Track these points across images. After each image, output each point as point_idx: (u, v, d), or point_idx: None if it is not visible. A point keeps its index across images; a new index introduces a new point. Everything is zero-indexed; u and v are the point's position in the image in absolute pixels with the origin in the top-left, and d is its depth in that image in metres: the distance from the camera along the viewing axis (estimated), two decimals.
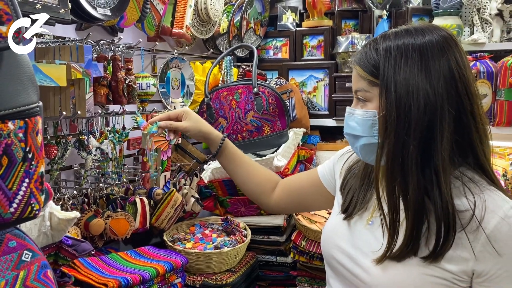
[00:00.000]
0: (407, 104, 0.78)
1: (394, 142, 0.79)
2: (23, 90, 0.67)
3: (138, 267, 1.29)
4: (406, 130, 0.78)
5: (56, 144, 1.29)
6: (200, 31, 1.91)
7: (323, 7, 2.24)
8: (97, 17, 1.25)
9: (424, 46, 0.79)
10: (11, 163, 0.66)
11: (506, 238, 0.76)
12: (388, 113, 0.79)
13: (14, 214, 0.68)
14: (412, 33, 0.81)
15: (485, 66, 1.89)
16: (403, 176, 0.79)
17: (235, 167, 1.18)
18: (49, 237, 1.04)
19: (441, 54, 0.79)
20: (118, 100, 1.38)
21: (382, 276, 0.82)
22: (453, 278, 0.78)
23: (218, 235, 1.70)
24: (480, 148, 0.81)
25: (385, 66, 0.80)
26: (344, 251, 0.90)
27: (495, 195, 0.79)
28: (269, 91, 1.78)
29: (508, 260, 0.76)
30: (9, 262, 0.76)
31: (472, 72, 0.82)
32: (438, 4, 2.04)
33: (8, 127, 0.65)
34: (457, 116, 0.78)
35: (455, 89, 0.78)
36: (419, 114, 0.77)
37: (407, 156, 0.78)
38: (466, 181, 0.80)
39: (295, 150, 1.92)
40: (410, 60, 0.79)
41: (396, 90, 0.79)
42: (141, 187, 1.57)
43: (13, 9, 0.64)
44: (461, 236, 0.77)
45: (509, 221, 0.76)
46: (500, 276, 0.77)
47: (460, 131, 0.79)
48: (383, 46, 0.82)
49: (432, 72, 0.78)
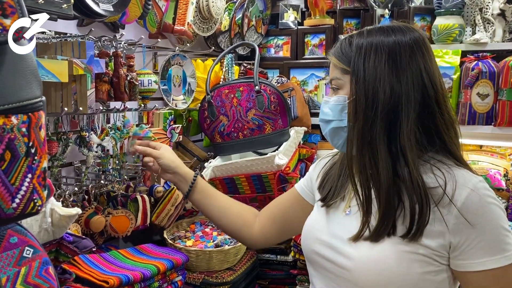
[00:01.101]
0: (375, 88, 0.84)
1: (363, 123, 0.85)
2: (27, 85, 0.67)
3: (139, 265, 1.29)
4: (373, 111, 0.84)
5: (57, 140, 1.29)
6: (201, 28, 1.90)
7: (325, 6, 2.23)
8: (100, 12, 1.24)
9: (393, 44, 0.86)
10: (14, 158, 0.66)
11: (477, 208, 0.80)
12: (358, 97, 0.86)
13: (16, 209, 0.68)
14: (384, 32, 0.88)
15: (487, 66, 1.88)
16: (372, 155, 0.85)
17: (212, 201, 1.16)
18: (50, 234, 1.03)
19: (409, 53, 0.85)
20: (120, 97, 1.37)
21: (363, 259, 0.84)
22: (433, 254, 0.81)
23: (219, 233, 1.70)
24: (446, 133, 0.86)
25: (357, 56, 0.87)
26: (324, 242, 0.92)
27: (464, 171, 0.84)
28: (270, 89, 1.78)
29: (480, 230, 0.79)
30: (11, 258, 0.75)
31: (439, 73, 0.88)
32: (440, 4, 2.03)
33: (12, 122, 0.64)
34: (422, 102, 0.84)
35: (421, 81, 0.85)
36: (386, 98, 0.83)
37: (375, 135, 0.84)
38: (435, 162, 0.85)
39: (296, 149, 1.92)
40: (379, 56, 0.85)
41: (365, 76, 0.85)
42: (142, 185, 1.57)
43: (17, 2, 0.63)
44: (435, 212, 0.81)
45: (479, 192, 0.80)
46: (474, 247, 0.80)
47: (425, 117, 0.85)
48: (356, 41, 0.89)
49: (399, 68, 0.84)
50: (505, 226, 0.81)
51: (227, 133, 1.82)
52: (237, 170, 1.73)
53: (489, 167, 1.88)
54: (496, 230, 0.80)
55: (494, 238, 0.80)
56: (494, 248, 0.80)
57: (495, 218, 0.80)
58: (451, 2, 1.99)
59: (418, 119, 0.84)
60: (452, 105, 1.95)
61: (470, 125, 1.92)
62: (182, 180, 1.17)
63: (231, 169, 1.73)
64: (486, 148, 2.08)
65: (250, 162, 1.71)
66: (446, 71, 1.93)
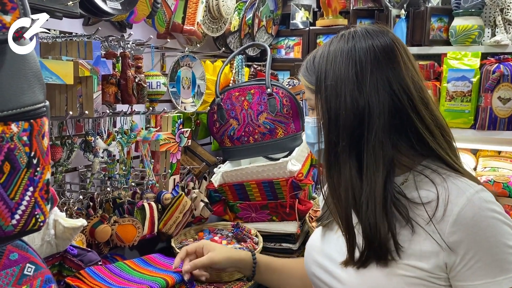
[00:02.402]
0: (336, 106, 0.80)
1: (327, 144, 0.82)
2: (29, 88, 0.60)
3: (147, 277, 1.22)
4: (336, 130, 0.80)
5: (61, 145, 1.22)
6: (211, 28, 1.84)
7: (338, 6, 2.16)
8: (107, 11, 1.18)
9: (354, 53, 0.80)
10: (14, 170, 0.59)
11: (472, 223, 0.73)
12: (322, 117, 0.83)
13: (16, 226, 0.62)
14: (345, 40, 0.82)
15: (508, 68, 1.81)
16: (339, 176, 0.81)
17: (279, 274, 1.13)
18: (53, 247, 0.97)
19: (372, 61, 0.79)
20: (127, 100, 1.31)
21: (354, 284, 0.80)
22: (429, 276, 0.75)
23: (228, 241, 1.63)
24: (432, 139, 0.80)
25: (318, 71, 0.83)
26: (320, 265, 0.90)
27: (459, 181, 0.78)
28: (283, 92, 1.71)
29: (478, 249, 0.72)
30: (10, 276, 0.69)
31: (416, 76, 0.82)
32: (458, 4, 1.96)
33: (11, 130, 0.58)
34: (394, 111, 0.78)
35: (389, 89, 0.78)
36: (347, 114, 0.79)
37: (338, 155, 0.80)
38: (430, 173, 0.80)
39: (308, 154, 1.85)
40: (340, 64, 0.80)
41: (326, 92, 0.81)
42: (149, 191, 1.50)
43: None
44: (429, 229, 0.75)
45: (474, 205, 0.73)
46: (472, 268, 0.73)
47: (402, 126, 0.79)
48: (319, 53, 0.85)
49: (360, 79, 0.79)
50: (510, 243, 0.72)
51: (237, 137, 1.75)
52: (247, 176, 1.67)
53: (510, 175, 1.81)
54: (497, 248, 0.72)
55: (494, 257, 0.72)
56: (495, 268, 0.72)
57: (494, 234, 0.72)
58: (470, 2, 1.92)
59: (394, 130, 0.78)
60: (471, 109, 1.88)
61: (490, 130, 1.85)
62: (242, 268, 1.13)
63: (241, 175, 1.67)
64: (505, 154, 2.00)
65: (262, 168, 1.64)
66: (465, 74, 1.87)
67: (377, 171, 0.77)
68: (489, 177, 1.77)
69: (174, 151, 1.55)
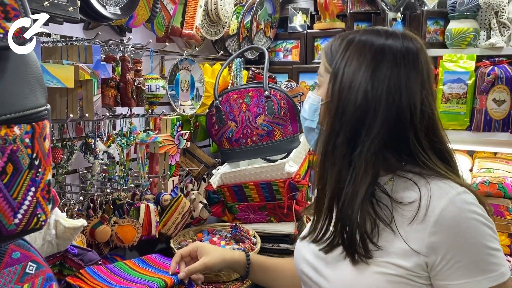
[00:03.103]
0: (348, 95, 0.80)
1: (329, 131, 0.82)
2: (31, 92, 0.63)
3: (146, 278, 1.24)
4: (340, 120, 0.80)
5: (61, 147, 1.25)
6: (209, 32, 1.86)
7: (335, 9, 2.19)
8: (107, 16, 1.20)
9: (380, 48, 0.81)
10: (17, 171, 0.61)
11: (453, 224, 0.74)
12: (331, 102, 0.82)
13: (18, 225, 0.64)
14: (377, 34, 0.83)
15: (503, 71, 1.83)
16: (331, 165, 0.82)
17: (272, 274, 1.14)
18: (54, 246, 0.99)
19: (392, 61, 0.79)
20: (127, 103, 1.33)
21: (339, 281, 0.82)
22: (409, 274, 0.76)
23: (227, 242, 1.65)
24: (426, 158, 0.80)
25: (340, 56, 0.83)
26: (308, 262, 0.91)
27: (442, 183, 0.78)
28: (280, 95, 1.73)
29: (458, 249, 0.74)
30: (13, 274, 0.71)
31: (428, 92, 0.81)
32: (454, 7, 1.98)
33: (14, 132, 0.60)
34: (394, 123, 0.78)
35: (398, 99, 0.78)
36: (356, 106, 0.79)
37: (337, 145, 0.81)
38: (413, 175, 0.81)
39: (306, 155, 1.87)
40: (362, 59, 0.80)
41: (342, 81, 0.81)
42: (149, 192, 1.52)
43: (21, 5, 0.59)
44: (411, 229, 0.76)
45: (455, 206, 0.74)
46: (452, 268, 0.74)
47: (396, 139, 0.80)
48: (348, 38, 0.85)
49: (378, 74, 0.79)
50: (490, 244, 0.74)
51: (235, 139, 1.78)
52: (245, 177, 1.69)
53: (505, 175, 1.83)
54: (477, 249, 0.73)
55: (474, 258, 0.73)
56: (474, 269, 0.73)
57: (475, 235, 0.73)
58: (466, 5, 1.94)
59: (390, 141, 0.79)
60: (467, 111, 1.90)
61: (485, 131, 1.87)
62: (236, 268, 1.14)
63: (239, 176, 1.69)
64: (501, 156, 2.02)
65: (259, 169, 1.66)
66: (460, 76, 1.89)
67: (365, 173, 0.78)
68: (485, 178, 1.79)
69: (173, 153, 1.58)
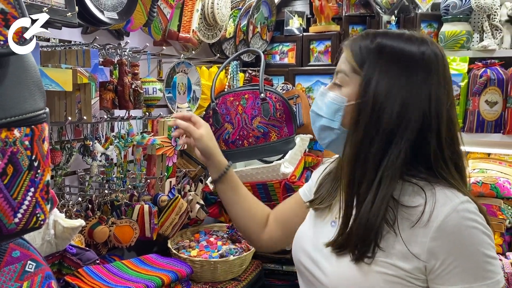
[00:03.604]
0: (385, 102, 0.79)
1: (362, 137, 0.80)
2: (30, 96, 0.65)
3: (143, 276, 1.27)
4: (376, 127, 0.79)
5: (60, 149, 1.27)
6: (206, 35, 1.89)
7: (331, 12, 2.21)
8: (104, 20, 1.23)
9: (416, 56, 0.80)
10: (17, 172, 0.64)
11: (454, 231, 0.75)
12: (363, 106, 0.80)
13: (18, 224, 0.66)
14: (410, 40, 0.82)
15: (495, 73, 1.86)
16: (362, 172, 0.81)
17: (235, 196, 1.13)
18: (53, 246, 1.02)
19: (428, 70, 0.80)
20: (124, 105, 1.36)
21: (336, 276, 0.82)
22: (407, 276, 0.78)
23: (224, 242, 1.68)
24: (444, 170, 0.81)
25: (375, 60, 0.81)
26: (307, 253, 0.90)
27: (447, 190, 0.79)
28: (276, 97, 1.76)
29: (457, 255, 0.75)
30: (13, 273, 0.73)
31: (451, 95, 0.83)
32: (447, 10, 2.01)
33: (14, 135, 0.62)
34: (419, 130, 0.79)
35: (427, 106, 0.79)
36: (393, 115, 0.78)
37: (371, 153, 0.80)
38: (419, 180, 0.81)
39: (301, 157, 1.89)
40: (399, 66, 0.80)
41: (377, 88, 0.79)
42: (146, 193, 1.54)
43: (21, 13, 0.62)
44: (413, 232, 0.78)
45: (458, 214, 0.76)
46: (450, 273, 0.76)
47: (419, 145, 0.80)
48: (379, 41, 0.82)
49: (413, 84, 0.79)
50: (488, 252, 0.76)
51: (232, 141, 1.80)
52: (242, 178, 1.70)
53: (498, 176, 1.86)
54: (475, 257, 0.75)
55: (472, 264, 0.75)
56: (471, 275, 0.75)
57: (474, 243, 0.75)
58: (458, 8, 1.97)
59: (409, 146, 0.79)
60: (460, 113, 1.93)
61: (478, 133, 1.90)
62: (214, 166, 1.14)
63: None
64: (495, 156, 2.05)
65: (256, 170, 1.69)
66: (454, 78, 1.90)
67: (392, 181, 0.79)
68: (478, 178, 1.82)
69: (170, 155, 1.60)
